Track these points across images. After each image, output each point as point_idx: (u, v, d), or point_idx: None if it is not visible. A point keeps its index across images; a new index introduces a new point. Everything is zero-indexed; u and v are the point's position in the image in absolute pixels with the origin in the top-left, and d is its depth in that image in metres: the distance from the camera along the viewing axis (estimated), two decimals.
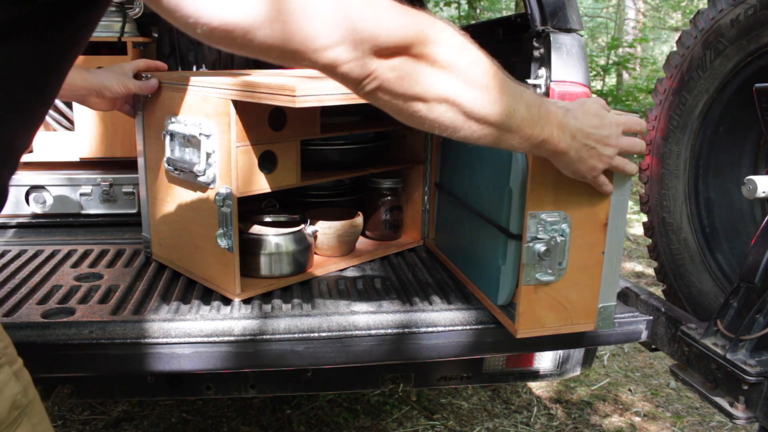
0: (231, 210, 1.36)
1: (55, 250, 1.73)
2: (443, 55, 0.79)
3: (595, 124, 1.04)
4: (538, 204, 1.19)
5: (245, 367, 1.35)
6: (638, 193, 3.30)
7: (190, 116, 1.43)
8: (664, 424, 2.52)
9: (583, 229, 1.23)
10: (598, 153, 1.06)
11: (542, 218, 1.20)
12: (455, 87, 0.81)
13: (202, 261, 1.50)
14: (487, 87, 0.84)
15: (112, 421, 2.41)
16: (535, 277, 1.22)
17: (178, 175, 1.48)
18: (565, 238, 1.21)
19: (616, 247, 1.25)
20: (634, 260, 4.46)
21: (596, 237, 1.24)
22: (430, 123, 0.84)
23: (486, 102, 0.85)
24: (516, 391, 2.75)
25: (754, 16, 1.42)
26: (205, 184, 1.41)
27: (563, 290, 1.26)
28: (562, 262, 1.23)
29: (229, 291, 1.43)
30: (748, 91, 1.31)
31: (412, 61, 0.78)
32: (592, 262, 1.25)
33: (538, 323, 1.27)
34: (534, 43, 1.87)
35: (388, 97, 0.80)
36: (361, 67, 0.74)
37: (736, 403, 1.20)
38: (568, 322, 1.28)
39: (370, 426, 2.44)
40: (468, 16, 11.09)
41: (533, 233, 1.20)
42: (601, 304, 1.27)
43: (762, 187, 1.27)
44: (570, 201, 1.20)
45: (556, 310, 1.27)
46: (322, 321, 1.32)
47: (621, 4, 13.72)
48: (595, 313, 1.28)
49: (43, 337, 1.24)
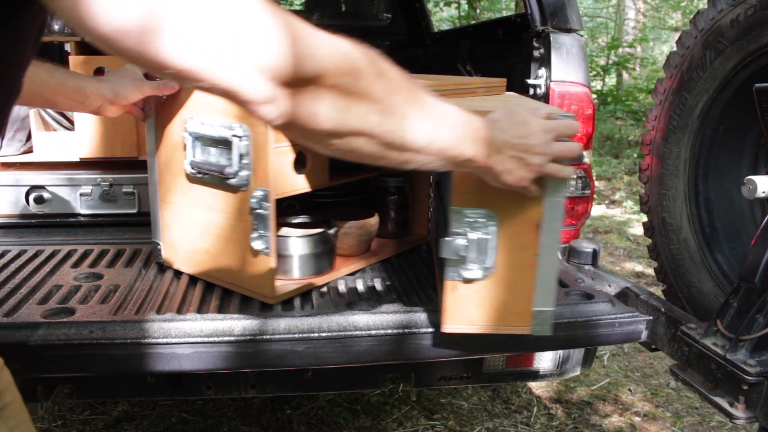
0: (268, 212, 1.35)
1: (55, 250, 1.73)
2: (358, 86, 0.74)
3: (521, 133, 1.02)
4: (463, 200, 1.20)
5: (245, 367, 1.35)
6: (638, 193, 3.30)
7: (217, 117, 1.39)
8: (664, 424, 2.52)
9: (513, 229, 1.21)
10: (525, 163, 1.04)
11: (466, 214, 1.20)
12: (372, 119, 0.76)
13: (230, 265, 1.46)
14: (406, 116, 0.80)
15: (112, 421, 2.41)
16: (459, 273, 1.22)
17: (201, 177, 1.45)
18: (489, 237, 1.21)
19: (550, 250, 1.21)
20: (634, 260, 4.46)
21: (528, 238, 1.20)
22: (348, 155, 0.80)
23: (405, 131, 0.81)
24: (516, 391, 2.75)
25: (754, 16, 1.42)
26: (236, 186, 1.39)
27: (493, 289, 1.24)
28: (486, 260, 1.22)
29: (263, 294, 1.41)
30: (748, 91, 1.31)
31: (325, 93, 0.71)
32: (524, 263, 1.22)
33: (466, 320, 1.27)
34: (534, 43, 1.87)
35: (299, 131, 0.74)
36: (267, 98, 0.67)
37: (736, 403, 1.20)
38: (501, 323, 1.26)
39: (370, 426, 2.44)
40: (468, 16, 11.09)
41: (456, 229, 1.21)
42: (536, 308, 1.24)
43: (762, 187, 1.27)
44: (498, 200, 1.19)
45: (485, 309, 1.26)
46: (322, 321, 1.32)
47: (621, 4, 13.72)
48: (530, 317, 1.25)
49: (43, 337, 1.24)
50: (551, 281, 1.23)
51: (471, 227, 1.20)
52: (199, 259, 1.54)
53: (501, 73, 1.79)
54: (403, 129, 0.80)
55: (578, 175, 1.89)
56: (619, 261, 4.46)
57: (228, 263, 1.47)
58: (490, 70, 2.36)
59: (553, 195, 1.17)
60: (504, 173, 1.03)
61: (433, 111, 0.86)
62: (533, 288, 1.23)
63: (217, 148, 1.41)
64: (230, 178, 1.38)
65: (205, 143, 1.43)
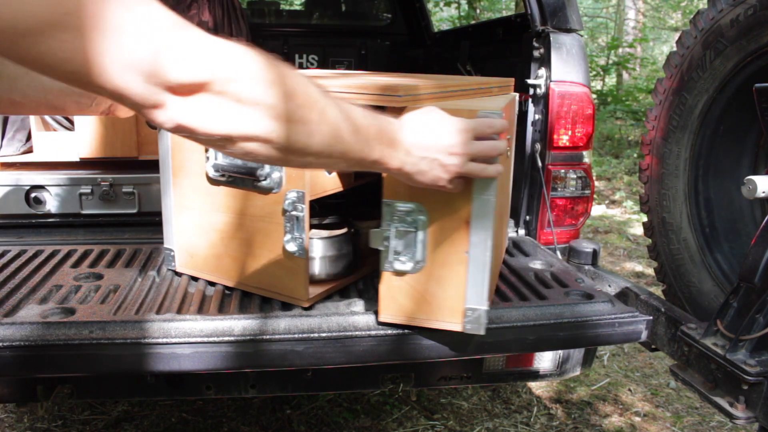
0: (303, 213, 1.34)
1: (55, 250, 1.73)
2: (250, 91, 0.73)
3: (435, 134, 1.03)
4: (393, 193, 1.23)
5: (245, 367, 1.35)
6: (638, 193, 3.30)
7: None
8: (664, 424, 2.52)
9: (443, 225, 1.23)
10: (440, 163, 1.04)
11: (396, 207, 1.23)
12: (264, 124, 0.76)
13: (259, 269, 1.44)
14: (302, 120, 0.80)
15: (112, 421, 2.41)
16: (391, 264, 1.25)
17: (226, 180, 1.42)
18: (417, 230, 1.23)
19: (482, 248, 1.21)
20: (634, 260, 4.46)
21: (458, 234, 1.22)
22: (245, 157, 0.80)
23: (302, 135, 0.81)
24: (516, 391, 2.75)
25: (754, 16, 1.42)
26: (267, 188, 1.37)
27: (425, 284, 1.26)
28: (415, 253, 1.24)
29: (296, 297, 1.40)
30: (748, 91, 1.31)
31: (215, 99, 0.70)
32: (454, 259, 1.23)
33: (401, 312, 1.29)
34: (534, 43, 1.87)
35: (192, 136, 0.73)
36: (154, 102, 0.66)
37: (736, 403, 1.20)
38: (433, 317, 1.28)
39: (370, 426, 2.44)
40: (468, 16, 11.09)
41: (387, 221, 1.24)
42: (468, 306, 1.24)
43: (762, 187, 1.27)
44: (428, 195, 1.20)
45: (418, 303, 1.28)
46: (322, 321, 1.32)
47: (621, 4, 13.72)
48: (462, 314, 1.25)
49: (43, 337, 1.24)
50: (484, 279, 1.23)
51: (400, 220, 1.24)
52: (221, 264, 1.50)
53: (501, 73, 1.79)
54: (298, 133, 0.80)
55: (578, 175, 1.89)
56: (619, 261, 4.46)
57: (256, 267, 1.44)
58: (490, 70, 2.36)
59: (482, 193, 1.17)
60: (416, 174, 1.03)
61: (335, 115, 0.86)
62: (465, 285, 1.24)
63: None
64: (261, 180, 1.36)
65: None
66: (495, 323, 1.36)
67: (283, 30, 3.73)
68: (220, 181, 1.44)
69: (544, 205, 1.88)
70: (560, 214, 1.90)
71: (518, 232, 1.97)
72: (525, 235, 1.96)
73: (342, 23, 4.10)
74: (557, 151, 1.87)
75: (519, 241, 1.90)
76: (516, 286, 1.53)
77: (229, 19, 2.89)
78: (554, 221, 1.89)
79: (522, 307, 1.41)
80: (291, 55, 3.65)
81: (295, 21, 4.26)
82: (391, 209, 1.23)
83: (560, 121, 1.84)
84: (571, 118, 1.85)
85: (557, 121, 1.84)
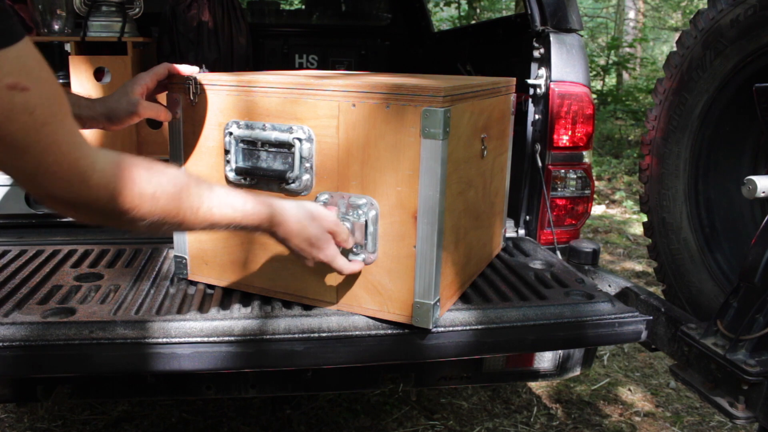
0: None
1: (55, 250, 1.73)
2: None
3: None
4: (347, 186, 1.30)
5: (245, 367, 1.35)
6: (638, 193, 3.30)
7: (270, 121, 1.35)
8: (664, 424, 2.52)
9: (392, 219, 1.28)
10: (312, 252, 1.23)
11: (351, 201, 1.29)
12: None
13: (283, 274, 1.41)
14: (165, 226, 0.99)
15: (112, 421, 2.41)
16: (347, 255, 1.30)
17: (248, 184, 1.39)
18: (370, 222, 1.28)
19: (429, 243, 1.25)
20: (634, 260, 4.46)
21: (407, 229, 1.27)
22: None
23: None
24: (516, 391, 2.75)
25: (754, 16, 1.42)
26: (295, 191, 1.35)
27: (377, 275, 1.32)
28: (367, 245, 1.29)
29: (325, 300, 1.39)
30: (748, 91, 1.31)
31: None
32: (403, 253, 1.28)
33: (356, 301, 1.35)
34: (534, 43, 1.87)
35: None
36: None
37: (736, 403, 1.20)
38: (384, 309, 1.32)
39: (370, 426, 2.44)
40: (468, 16, 11.09)
41: (342, 212, 1.30)
42: (417, 300, 1.28)
43: (762, 187, 1.27)
44: (379, 189, 1.27)
45: (371, 293, 1.33)
46: (322, 321, 1.32)
47: (621, 4, 13.72)
48: (411, 307, 1.29)
49: (44, 337, 1.24)
50: (431, 274, 1.27)
51: (354, 212, 1.28)
52: (240, 271, 1.47)
53: (501, 73, 1.79)
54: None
55: (578, 175, 1.89)
56: (619, 261, 4.45)
57: (279, 272, 1.42)
58: (490, 70, 2.36)
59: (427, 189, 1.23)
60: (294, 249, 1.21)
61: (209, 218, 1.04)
62: (413, 279, 1.28)
63: (268, 153, 1.36)
64: (289, 182, 1.34)
65: (254, 148, 1.37)
66: (495, 323, 1.36)
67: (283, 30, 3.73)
68: (240, 185, 1.39)
69: (544, 205, 1.88)
70: (560, 214, 1.90)
71: (518, 232, 1.97)
72: (525, 235, 1.96)
73: (342, 23, 4.10)
74: (557, 151, 1.87)
75: (519, 241, 1.90)
76: (516, 286, 1.53)
77: (229, 19, 2.89)
78: (554, 221, 1.89)
79: (522, 307, 1.41)
80: (291, 55, 3.64)
81: (295, 21, 4.26)
82: (346, 201, 1.29)
83: (560, 121, 1.84)
84: (571, 118, 1.85)
85: (557, 121, 1.84)
